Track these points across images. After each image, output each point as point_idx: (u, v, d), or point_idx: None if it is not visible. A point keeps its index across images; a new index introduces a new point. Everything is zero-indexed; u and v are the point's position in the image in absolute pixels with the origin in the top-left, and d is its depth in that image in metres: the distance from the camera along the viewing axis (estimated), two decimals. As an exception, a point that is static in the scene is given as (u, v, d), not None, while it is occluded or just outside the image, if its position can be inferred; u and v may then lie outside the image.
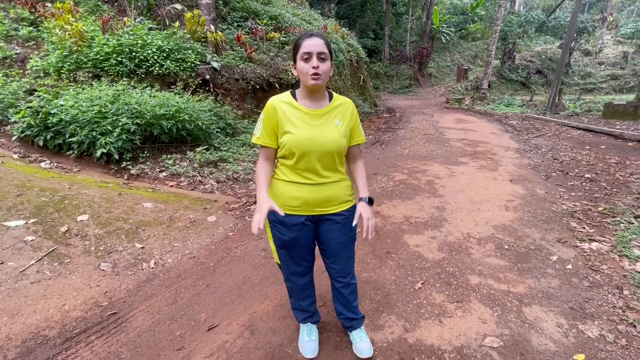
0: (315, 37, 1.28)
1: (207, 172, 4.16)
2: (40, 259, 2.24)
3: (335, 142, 1.36)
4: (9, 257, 2.20)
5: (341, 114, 1.40)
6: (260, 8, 8.46)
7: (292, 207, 1.43)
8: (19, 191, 2.85)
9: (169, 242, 2.73)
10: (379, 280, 2.38)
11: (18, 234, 2.40)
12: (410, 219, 3.40)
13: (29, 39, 4.97)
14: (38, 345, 1.72)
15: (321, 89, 1.36)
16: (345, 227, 1.49)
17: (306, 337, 1.74)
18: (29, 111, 3.69)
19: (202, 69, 5.66)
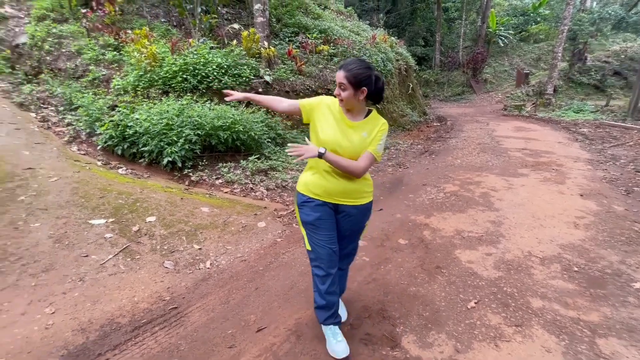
0: (341, 70, 1.57)
1: (258, 180, 4.38)
2: (116, 254, 2.54)
3: (356, 148, 1.61)
4: (92, 250, 2.53)
5: (369, 129, 1.64)
6: (310, 23, 8.78)
7: (315, 193, 1.70)
8: (101, 194, 3.27)
9: (223, 244, 2.91)
10: (428, 296, 2.28)
11: (100, 231, 2.75)
12: (462, 233, 3.22)
13: (112, 62, 5.72)
14: (113, 330, 1.95)
15: (349, 108, 1.64)
16: (358, 218, 1.77)
17: (333, 340, 1.82)
18: (111, 124, 4.24)
19: (255, 83, 6.02)
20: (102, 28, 6.27)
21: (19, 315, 1.92)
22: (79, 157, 4.11)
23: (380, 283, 2.45)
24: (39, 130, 4.57)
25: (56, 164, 3.76)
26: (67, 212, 2.89)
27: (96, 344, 1.84)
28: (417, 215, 3.68)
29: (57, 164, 3.75)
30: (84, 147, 4.42)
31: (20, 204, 2.90)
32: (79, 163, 3.92)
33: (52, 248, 2.48)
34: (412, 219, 3.57)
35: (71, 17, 6.64)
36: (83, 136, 4.60)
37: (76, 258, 2.43)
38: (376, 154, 1.64)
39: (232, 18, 8.14)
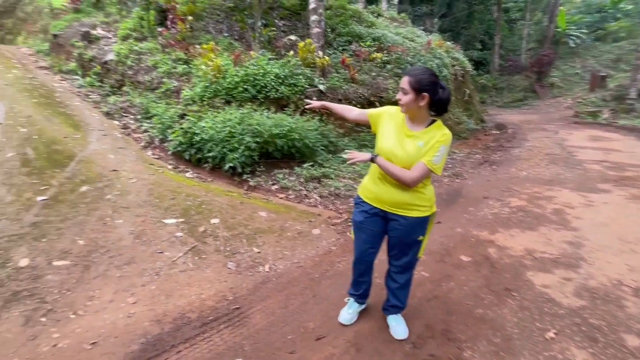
0: (404, 75, 1.61)
1: (311, 187, 4.45)
2: (185, 252, 2.74)
3: (409, 157, 1.60)
4: (165, 248, 2.76)
5: (428, 138, 1.61)
6: (364, 31, 8.79)
7: (367, 197, 1.82)
8: (172, 195, 3.57)
9: (280, 249, 2.99)
10: (497, 320, 2.11)
11: (171, 230, 2.99)
12: (534, 253, 2.93)
13: (183, 75, 6.27)
14: (184, 324, 2.09)
15: (410, 115, 1.66)
16: (407, 231, 1.74)
17: (346, 308, 2.13)
18: (181, 132, 4.63)
19: (310, 92, 6.16)
20: (174, 44, 6.91)
21: (108, 302, 2.15)
22: (153, 161, 4.54)
23: (442, 301, 2.32)
24: (121, 136, 5.15)
25: (135, 166, 4.19)
26: (145, 211, 3.20)
27: (170, 335, 1.99)
28: (479, 230, 3.44)
29: (135, 167, 4.18)
30: (157, 152, 4.88)
31: (107, 202, 3.27)
32: (153, 166, 4.33)
33: (133, 243, 2.75)
34: (475, 235, 3.34)
35: (149, 35, 7.43)
36: (156, 142, 5.08)
37: (152, 254, 2.66)
38: (431, 165, 1.58)
39: (289, 30, 8.46)
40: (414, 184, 1.61)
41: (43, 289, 2.17)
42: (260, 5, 7.38)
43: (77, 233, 2.76)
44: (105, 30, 8.07)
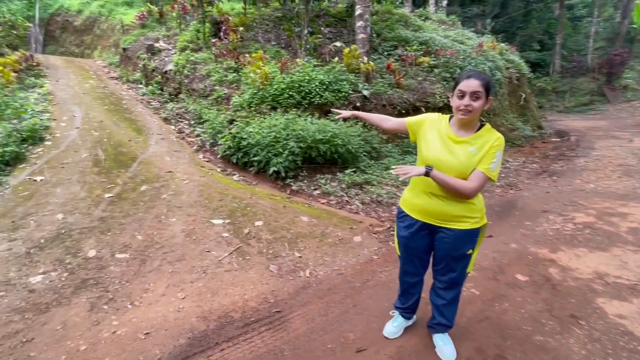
0: (472, 78, 1.47)
1: (353, 193, 4.40)
2: (231, 252, 2.84)
3: (460, 165, 1.50)
4: (213, 247, 2.89)
5: (480, 143, 1.51)
6: (410, 35, 8.59)
7: (410, 209, 1.73)
8: (220, 197, 3.74)
9: (321, 255, 2.98)
10: (562, 351, 1.88)
11: (218, 230, 3.13)
12: (606, 277, 2.60)
13: (233, 82, 6.60)
14: (227, 323, 2.15)
15: (468, 121, 1.53)
16: (455, 244, 1.63)
17: (392, 321, 2.05)
18: (229, 136, 4.86)
19: (353, 97, 6.14)
20: (226, 54, 7.31)
21: (160, 295, 2.29)
22: (204, 164, 4.82)
23: (495, 323, 2.13)
24: (176, 140, 5.55)
25: (188, 168, 4.48)
26: (195, 211, 3.39)
27: (215, 332, 2.06)
28: (538, 247, 3.13)
29: (188, 169, 4.46)
30: (207, 155, 5.17)
31: (163, 201, 3.52)
32: (204, 169, 4.59)
33: (184, 241, 2.92)
34: (532, 252, 3.05)
35: (204, 46, 7.96)
36: (207, 146, 5.39)
37: (201, 252, 2.80)
38: (489, 173, 1.48)
39: (334, 37, 8.54)
40: (473, 194, 1.50)
41: (106, 278, 2.38)
42: (307, 14, 7.54)
43: (136, 229, 3.00)
44: (166, 43, 8.80)
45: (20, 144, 4.28)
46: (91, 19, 14.49)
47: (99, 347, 1.85)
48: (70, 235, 2.80)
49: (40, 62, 8.70)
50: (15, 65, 7.07)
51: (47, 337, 1.88)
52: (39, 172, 3.84)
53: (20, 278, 2.29)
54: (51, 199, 3.33)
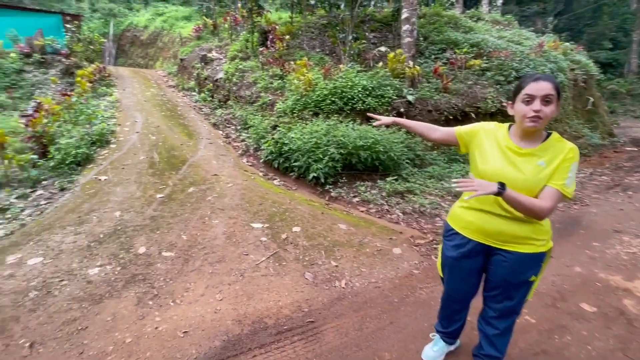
0: (542, 81, 1.28)
1: (394, 202, 4.24)
2: (268, 257, 2.87)
3: (526, 181, 1.31)
4: (251, 250, 2.94)
5: (550, 156, 1.32)
6: (460, 37, 8.17)
7: (462, 227, 1.54)
8: (260, 201, 3.82)
9: (358, 266, 2.89)
10: (640, 401, 1.59)
11: (257, 234, 3.18)
12: (700, 315, 2.17)
13: (277, 89, 6.78)
14: (261, 329, 2.16)
15: (536, 131, 1.34)
16: (516, 269, 1.44)
17: (431, 345, 1.90)
18: (272, 141, 4.97)
19: (397, 103, 5.96)
20: (272, 62, 7.55)
21: (200, 295, 2.38)
22: (247, 168, 4.98)
23: (554, 358, 1.88)
24: (223, 144, 5.82)
25: (232, 172, 4.65)
26: (236, 214, 3.49)
27: (248, 337, 2.07)
28: (609, 273, 2.73)
29: (232, 172, 4.63)
30: (251, 160, 5.34)
31: (207, 203, 3.69)
32: (247, 173, 4.74)
33: (224, 243, 3.01)
34: (602, 278, 2.67)
35: (252, 55, 8.30)
36: (251, 150, 5.57)
37: (239, 255, 2.86)
38: (564, 190, 1.28)
39: (379, 41, 8.42)
40: (547, 215, 1.30)
41: (153, 275, 2.52)
42: (352, 20, 7.53)
43: (182, 229, 3.17)
44: (218, 53, 9.34)
45: (90, 146, 4.78)
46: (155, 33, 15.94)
47: (142, 341, 1.96)
48: (125, 232, 3.03)
49: (111, 73, 9.72)
50: (91, 76, 7.97)
51: (98, 326, 2.03)
52: (103, 172, 4.24)
53: (81, 269, 2.52)
54: (112, 197, 3.66)
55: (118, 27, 17.82)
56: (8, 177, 3.90)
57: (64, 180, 4.03)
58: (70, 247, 2.78)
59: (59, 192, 3.83)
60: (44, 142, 4.42)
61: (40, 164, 4.19)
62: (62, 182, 3.96)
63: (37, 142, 4.40)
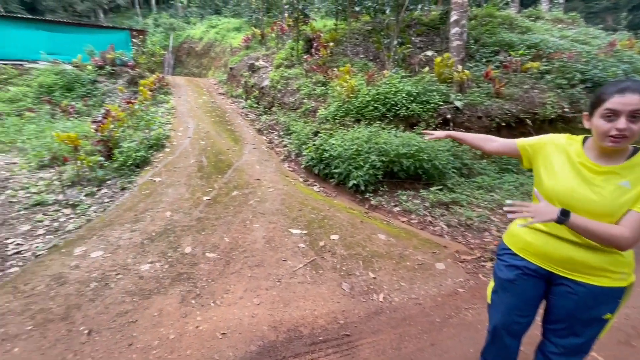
0: (630, 93, 1.05)
1: (437, 213, 4.02)
2: (305, 264, 2.87)
3: (605, 204, 1.12)
4: (289, 256, 2.96)
5: (636, 175, 1.11)
6: (516, 38, 7.62)
7: (522, 249, 1.36)
8: (300, 207, 3.85)
9: (397, 279, 2.77)
10: None
11: (296, 240, 3.20)
12: None
13: (320, 96, 6.85)
14: (295, 338, 2.14)
15: (620, 148, 1.13)
16: (586, 303, 1.22)
17: None
18: (313, 147, 5.01)
19: (444, 109, 5.70)
20: (316, 69, 7.66)
21: (238, 298, 2.43)
22: (288, 173, 5.07)
23: (628, 406, 1.62)
24: (266, 150, 5.99)
25: (273, 177, 4.76)
26: (276, 219, 3.55)
27: (283, 345, 2.07)
28: (701, 310, 2.32)
29: (274, 177, 4.74)
30: (292, 165, 5.43)
31: (249, 207, 3.80)
32: (288, 178, 4.82)
33: (264, 247, 3.07)
34: (691, 315, 2.27)
35: (297, 62, 8.50)
36: (293, 156, 5.67)
37: (278, 260, 2.90)
38: None
39: (425, 46, 8.16)
40: (629, 246, 1.10)
41: (196, 275, 2.64)
42: (398, 25, 7.38)
43: (225, 231, 3.29)
44: (264, 61, 9.71)
45: (148, 150, 5.20)
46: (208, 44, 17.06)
47: (184, 338, 2.05)
48: (173, 232, 3.23)
49: (169, 82, 10.56)
50: (152, 85, 8.72)
51: (147, 320, 2.17)
52: (158, 174, 4.58)
53: (134, 264, 2.72)
54: (164, 198, 3.93)
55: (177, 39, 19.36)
56: (79, 176, 4.37)
57: (124, 180, 4.42)
58: (126, 243, 3.02)
59: (120, 191, 4.21)
60: (110, 146, 4.90)
61: (106, 165, 4.65)
62: (123, 182, 4.35)
63: (104, 146, 4.89)
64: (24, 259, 2.84)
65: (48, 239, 3.16)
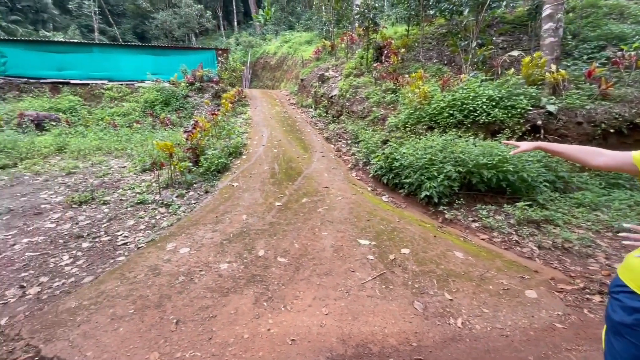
0: None
1: (526, 233, 3.55)
2: (374, 277, 2.77)
3: None
4: (357, 267, 2.90)
5: None
6: (629, 29, 6.45)
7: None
8: (368, 217, 3.77)
9: (478, 304, 2.49)
10: None
11: (364, 251, 3.13)
12: None
13: (389, 103, 6.71)
14: (365, 354, 2.06)
15: None
16: None
17: None
18: (382, 156, 4.89)
19: (533, 114, 5.07)
20: (386, 76, 7.53)
21: (307, 306, 2.45)
22: (356, 182, 5.02)
23: None
24: (334, 158, 6.05)
25: (341, 185, 4.77)
26: (345, 228, 3.53)
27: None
28: None
29: (342, 186, 4.74)
30: (360, 174, 5.38)
31: (318, 214, 3.85)
32: (355, 187, 4.78)
33: (332, 256, 3.06)
34: None
35: (366, 71, 8.48)
36: (360, 164, 5.62)
37: (346, 271, 2.86)
38: None
39: (510, 46, 7.42)
40: None
41: (268, 278, 2.75)
42: (477, 25, 6.85)
43: (295, 237, 3.38)
44: (334, 72, 9.91)
45: (228, 157, 5.68)
46: (282, 58, 18.14)
47: (257, 340, 2.13)
48: (248, 234, 3.43)
49: (246, 95, 11.49)
50: (232, 98, 9.58)
51: (224, 317, 2.31)
52: (236, 180, 4.96)
53: (215, 263, 2.95)
54: (240, 202, 4.22)
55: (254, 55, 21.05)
56: (172, 180, 4.97)
57: (208, 184, 4.88)
58: (208, 242, 3.30)
59: (204, 194, 4.66)
60: (197, 153, 5.48)
61: (193, 171, 5.20)
62: (206, 186, 4.81)
63: (192, 153, 5.50)
64: (129, 250, 3.30)
65: (147, 233, 3.63)
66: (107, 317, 2.30)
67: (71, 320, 2.28)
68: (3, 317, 2.37)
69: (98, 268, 2.99)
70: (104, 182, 5.31)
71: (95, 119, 9.13)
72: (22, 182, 5.36)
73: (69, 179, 5.48)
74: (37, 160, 6.29)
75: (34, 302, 2.53)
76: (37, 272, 2.94)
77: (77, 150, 6.84)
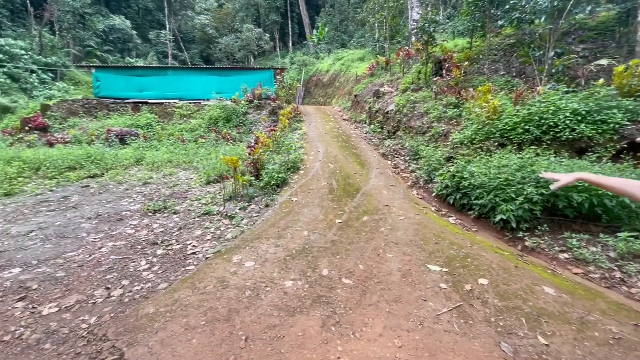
0: None
1: (633, 270, 3.00)
2: (450, 309, 2.51)
3: None
4: (429, 296, 2.66)
5: None
6: None
7: None
8: (436, 240, 3.50)
9: (584, 355, 2.10)
10: None
11: (435, 278, 2.88)
12: None
13: (452, 118, 6.36)
14: (448, 399, 1.83)
15: None
16: None
17: None
18: (448, 174, 4.58)
19: (631, 130, 4.40)
20: (446, 90, 7.20)
21: (378, 335, 2.28)
22: (418, 201, 4.76)
23: None
24: (392, 175, 5.85)
25: (402, 204, 4.55)
26: (411, 251, 3.31)
27: (433, 405, 1.79)
28: None
29: (403, 204, 4.52)
30: (421, 192, 5.10)
31: (380, 234, 3.68)
32: (418, 206, 4.52)
33: (400, 281, 2.86)
34: None
35: (424, 85, 8.22)
36: (421, 182, 5.34)
37: (417, 299, 2.64)
38: None
39: (594, 53, 6.66)
40: None
41: (335, 300, 2.64)
42: (554, 33, 6.27)
43: (358, 257, 3.25)
44: (389, 87, 9.78)
45: (286, 171, 5.78)
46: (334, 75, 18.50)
47: (327, 367, 2.01)
48: (311, 252, 3.38)
49: (301, 111, 11.82)
50: (289, 114, 9.91)
51: (292, 339, 2.24)
52: (295, 194, 5.00)
53: (279, 279, 2.93)
54: (300, 217, 4.21)
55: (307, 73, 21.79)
56: (235, 192, 5.17)
57: (268, 198, 4.99)
58: (272, 257, 3.31)
59: (264, 207, 4.76)
60: (258, 167, 5.67)
61: (255, 184, 5.37)
62: (267, 200, 4.92)
63: (253, 167, 5.70)
64: (197, 259, 3.43)
65: (213, 244, 3.77)
66: (181, 326, 2.37)
67: (150, 326, 2.38)
68: (92, 316, 2.57)
69: (171, 275, 3.14)
70: (174, 192, 5.72)
71: (167, 134, 10.05)
72: (107, 189, 6.00)
73: (144, 188, 6.00)
74: (120, 171, 7.03)
75: (117, 305, 2.71)
76: (119, 275, 3.18)
77: (151, 162, 7.53)
